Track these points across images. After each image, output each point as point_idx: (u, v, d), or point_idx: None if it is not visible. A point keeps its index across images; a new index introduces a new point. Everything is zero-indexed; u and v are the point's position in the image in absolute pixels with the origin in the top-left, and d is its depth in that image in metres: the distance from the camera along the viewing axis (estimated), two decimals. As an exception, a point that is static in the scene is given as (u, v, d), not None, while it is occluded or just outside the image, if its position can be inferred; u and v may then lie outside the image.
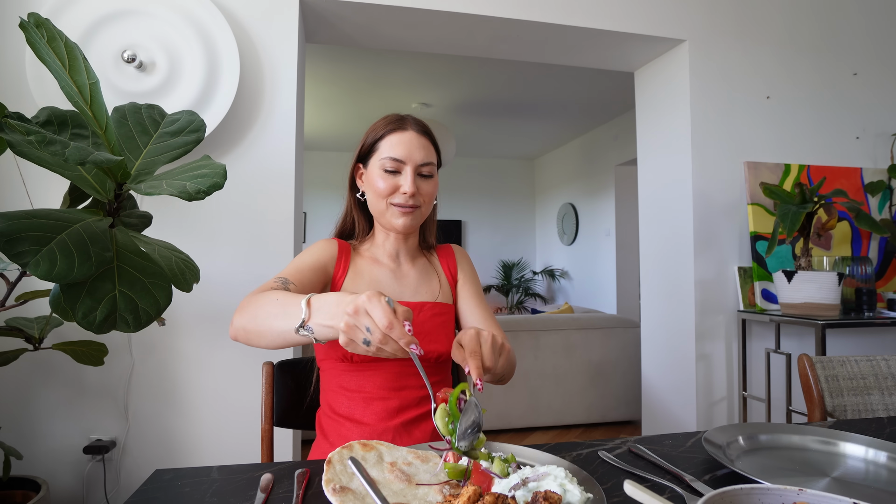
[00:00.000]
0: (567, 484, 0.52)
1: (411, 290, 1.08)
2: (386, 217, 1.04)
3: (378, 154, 1.04)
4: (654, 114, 2.63)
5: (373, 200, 1.06)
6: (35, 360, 1.71)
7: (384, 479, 0.58)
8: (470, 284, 1.15)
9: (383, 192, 1.02)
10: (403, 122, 1.05)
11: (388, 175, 1.02)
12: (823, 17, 2.52)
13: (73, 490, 1.77)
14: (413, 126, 1.05)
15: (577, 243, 6.06)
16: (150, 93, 1.72)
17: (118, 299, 0.88)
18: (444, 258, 1.18)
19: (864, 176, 2.53)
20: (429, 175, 1.04)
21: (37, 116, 0.96)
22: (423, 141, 1.05)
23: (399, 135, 1.04)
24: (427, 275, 1.12)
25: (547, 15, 2.18)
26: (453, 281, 1.14)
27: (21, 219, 0.79)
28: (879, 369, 1.25)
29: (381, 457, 0.62)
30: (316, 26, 2.21)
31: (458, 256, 1.19)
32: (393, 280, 1.08)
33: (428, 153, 1.04)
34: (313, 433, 1.06)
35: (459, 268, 1.16)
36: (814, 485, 0.64)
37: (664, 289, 2.54)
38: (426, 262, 1.15)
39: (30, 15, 0.86)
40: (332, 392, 1.01)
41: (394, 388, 0.99)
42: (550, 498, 0.49)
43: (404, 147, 1.02)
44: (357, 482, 0.56)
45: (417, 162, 1.02)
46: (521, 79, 4.11)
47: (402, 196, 1.01)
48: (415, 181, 1.02)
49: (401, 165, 1.02)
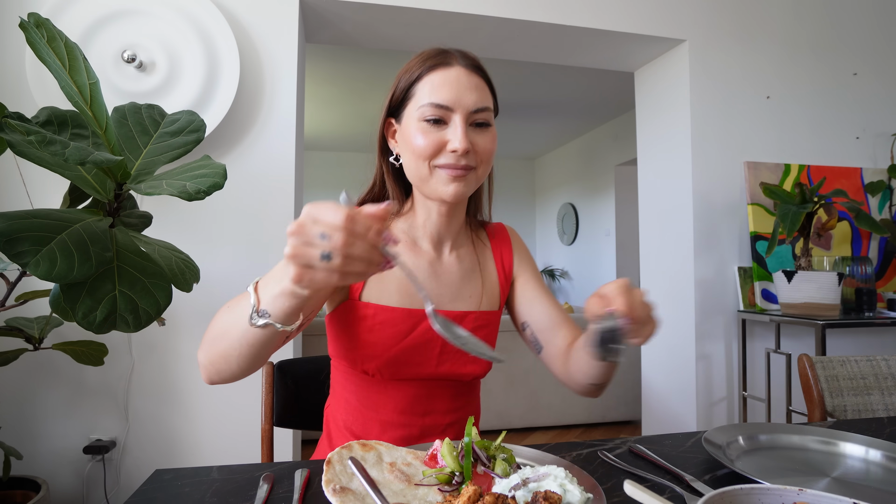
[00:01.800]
0: (567, 484, 0.52)
1: (451, 293, 0.87)
2: (430, 184, 0.80)
3: (415, 101, 0.80)
4: (654, 114, 2.63)
5: (412, 164, 0.81)
6: (35, 360, 1.71)
7: (384, 480, 0.58)
8: (530, 274, 0.94)
9: (425, 152, 0.78)
10: (447, 56, 0.81)
11: (431, 127, 0.78)
12: (823, 17, 2.52)
13: (73, 490, 1.77)
14: (460, 61, 0.81)
15: (577, 243, 6.06)
16: (150, 93, 1.72)
17: (118, 299, 0.88)
18: (498, 245, 0.95)
19: (864, 176, 2.53)
20: (485, 124, 0.81)
21: (37, 116, 0.96)
22: (474, 80, 0.80)
23: (443, 72, 0.80)
24: (472, 271, 0.91)
25: (547, 15, 2.18)
26: (505, 280, 0.93)
27: (21, 219, 0.80)
28: (879, 369, 1.25)
29: (381, 457, 0.62)
30: (316, 26, 2.21)
31: (514, 242, 0.97)
32: (430, 275, 0.87)
33: (482, 95, 0.80)
34: (313, 433, 1.03)
35: (517, 261, 0.94)
36: (814, 485, 0.64)
37: (664, 289, 2.54)
38: (471, 251, 0.93)
39: (30, 15, 0.86)
40: (344, 404, 0.88)
41: (417, 414, 0.84)
42: (550, 498, 0.49)
43: (450, 88, 0.78)
44: (357, 482, 0.56)
45: (469, 107, 0.78)
46: (522, 79, 4.10)
47: (452, 155, 0.78)
48: (467, 133, 0.78)
49: (447, 113, 0.78)
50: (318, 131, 5.57)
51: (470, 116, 0.79)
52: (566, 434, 3.21)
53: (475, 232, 0.95)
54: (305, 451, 2.58)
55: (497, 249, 0.94)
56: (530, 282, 0.93)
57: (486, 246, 0.94)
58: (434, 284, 0.86)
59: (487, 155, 0.82)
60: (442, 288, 0.87)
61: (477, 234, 0.95)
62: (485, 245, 0.94)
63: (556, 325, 0.88)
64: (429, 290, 0.85)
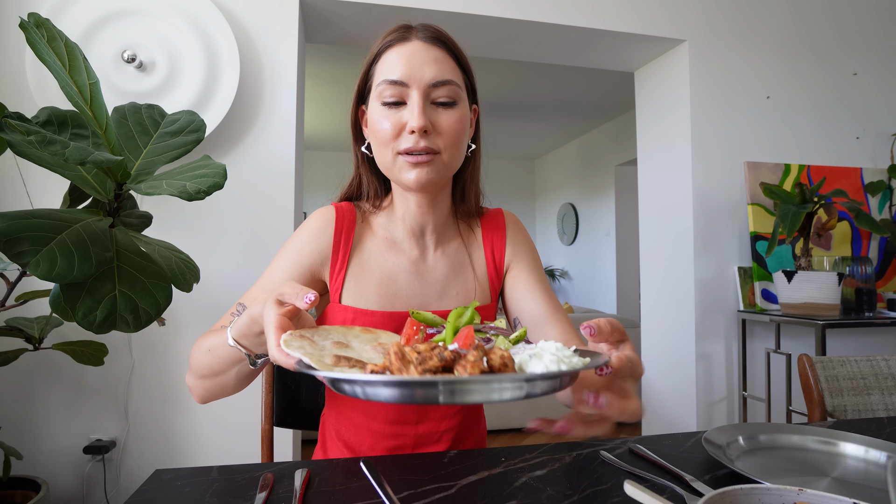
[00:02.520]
0: (563, 352, 0.46)
1: (437, 292, 0.82)
2: (394, 173, 0.75)
3: (375, 81, 0.76)
4: (654, 114, 2.63)
5: (377, 151, 0.76)
6: (35, 360, 1.71)
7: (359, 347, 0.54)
8: (524, 265, 0.86)
9: (385, 136, 0.73)
10: (406, 31, 0.76)
11: (390, 110, 0.72)
12: (823, 17, 2.52)
13: (73, 490, 1.77)
14: (419, 33, 0.75)
15: (577, 243, 6.06)
16: (150, 93, 1.72)
17: (118, 299, 0.88)
18: (490, 232, 0.88)
19: (864, 176, 2.53)
20: (449, 102, 0.73)
21: (37, 116, 0.96)
22: (434, 52, 0.73)
23: (399, 48, 0.74)
24: (461, 266, 0.84)
25: (547, 15, 2.18)
26: (495, 272, 0.86)
27: (21, 219, 0.80)
28: (879, 369, 1.25)
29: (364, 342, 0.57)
30: (316, 26, 2.21)
31: (509, 230, 0.88)
32: (413, 277, 0.81)
33: (444, 67, 0.73)
34: (313, 433, 1.01)
35: (510, 250, 0.87)
36: (814, 485, 0.64)
37: (664, 289, 2.54)
38: (459, 244, 0.86)
39: (30, 15, 0.86)
40: (336, 413, 0.85)
41: (410, 423, 0.80)
42: (502, 357, 0.44)
43: (405, 63, 0.72)
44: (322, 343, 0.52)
45: (426, 81, 0.71)
46: (521, 79, 4.10)
47: (410, 137, 0.71)
48: (425, 111, 0.71)
49: (404, 91, 0.72)
50: (318, 131, 5.57)
51: (428, 92, 0.72)
52: (566, 434, 3.20)
53: (466, 222, 0.88)
54: (305, 451, 2.58)
55: (488, 239, 0.87)
56: (524, 273, 0.85)
57: (477, 237, 0.87)
58: (417, 284, 0.81)
59: (453, 136, 0.73)
60: (427, 287, 0.81)
61: (469, 224, 0.88)
62: (475, 236, 0.87)
63: (546, 320, 0.80)
64: (410, 291, 0.80)
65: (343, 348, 0.52)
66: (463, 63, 0.78)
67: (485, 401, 0.41)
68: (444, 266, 0.83)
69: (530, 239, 0.91)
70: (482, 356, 0.43)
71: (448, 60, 0.75)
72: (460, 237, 0.87)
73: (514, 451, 0.73)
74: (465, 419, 0.86)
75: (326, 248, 0.80)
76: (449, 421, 0.84)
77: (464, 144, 0.77)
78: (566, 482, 0.63)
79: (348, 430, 0.83)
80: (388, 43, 0.76)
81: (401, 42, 0.75)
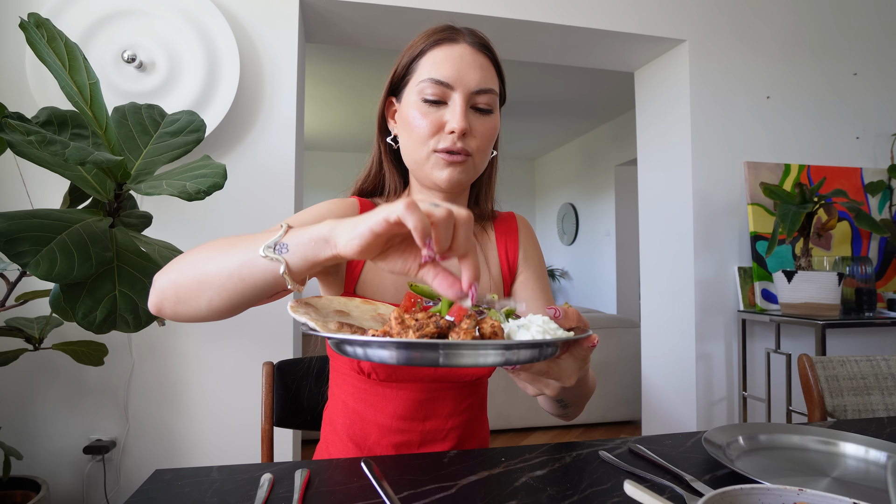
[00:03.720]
0: (549, 324, 0.51)
1: None
2: (425, 169, 0.76)
3: (416, 78, 0.76)
4: (654, 114, 2.63)
5: (409, 146, 0.77)
6: (35, 360, 1.71)
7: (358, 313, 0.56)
8: (531, 272, 0.87)
9: (423, 133, 0.74)
10: (454, 32, 0.77)
11: (430, 108, 0.74)
12: (823, 17, 2.52)
13: (73, 490, 1.77)
14: (467, 38, 0.77)
15: (577, 243, 6.06)
16: (150, 93, 1.72)
17: (118, 299, 0.88)
18: (504, 236, 0.89)
19: (864, 176, 2.53)
20: (487, 109, 0.76)
21: (37, 116, 0.96)
22: (480, 59, 0.75)
23: (447, 48, 0.75)
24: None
25: (547, 15, 2.18)
26: (509, 273, 0.88)
27: (21, 219, 0.80)
28: (879, 369, 1.25)
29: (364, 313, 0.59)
30: (316, 26, 2.21)
31: (521, 234, 0.90)
32: None
33: (487, 76, 0.75)
34: (313, 433, 1.01)
35: (522, 255, 0.89)
36: (814, 485, 0.64)
37: (664, 289, 2.54)
38: (475, 243, 0.85)
39: (30, 15, 0.86)
40: (342, 407, 0.83)
41: (418, 419, 0.80)
42: (493, 327, 0.49)
43: (453, 65, 0.73)
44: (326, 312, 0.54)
45: (471, 87, 0.73)
46: (522, 79, 4.10)
47: (449, 137, 0.73)
48: (466, 115, 0.73)
49: (447, 91, 0.73)
50: (318, 131, 5.57)
51: (471, 97, 0.74)
52: (566, 434, 3.21)
53: (480, 224, 0.90)
54: (305, 451, 2.58)
55: (501, 241, 0.89)
56: (530, 281, 0.88)
57: (491, 239, 0.89)
58: None
59: (486, 142, 0.76)
60: None
61: (482, 226, 0.90)
62: (489, 238, 0.89)
63: None
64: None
65: (344, 316, 0.55)
66: (501, 73, 0.80)
67: (475, 364, 0.45)
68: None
69: (539, 246, 0.93)
70: (475, 325, 0.48)
71: (491, 69, 0.77)
72: (476, 239, 0.87)
73: (514, 451, 0.73)
74: (471, 418, 0.86)
75: None
76: (455, 419, 0.84)
77: (491, 150, 0.80)
78: (566, 482, 0.63)
79: (353, 423, 0.82)
80: (435, 41, 0.76)
81: (449, 43, 0.76)
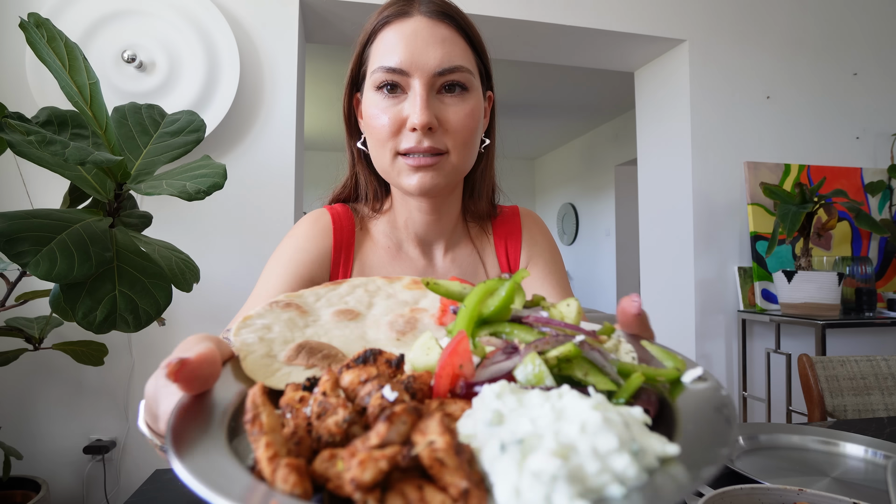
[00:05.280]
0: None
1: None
2: (393, 176, 0.64)
3: (370, 66, 0.64)
4: (654, 114, 2.63)
5: (373, 150, 0.66)
6: (35, 360, 1.71)
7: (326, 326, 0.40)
8: (539, 268, 0.75)
9: (383, 133, 0.61)
10: (406, 4, 0.64)
11: (388, 101, 0.61)
12: (824, 18, 2.52)
13: (73, 490, 1.77)
14: (422, 7, 0.63)
15: (577, 243, 6.06)
16: (150, 93, 1.72)
17: (118, 299, 0.88)
18: (503, 236, 0.77)
19: (864, 176, 2.53)
20: (458, 87, 0.61)
21: (37, 116, 0.96)
22: (440, 31, 0.61)
23: (398, 26, 0.62)
24: (473, 274, 0.74)
25: (547, 15, 2.18)
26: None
27: (21, 219, 0.79)
28: (879, 369, 1.25)
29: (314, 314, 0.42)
30: (316, 26, 2.21)
31: (525, 230, 0.78)
32: None
33: (452, 51, 0.61)
34: None
35: (525, 252, 0.77)
36: (814, 485, 0.64)
37: (664, 289, 2.54)
38: (471, 250, 0.75)
39: (30, 15, 0.86)
40: None
41: None
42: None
43: (406, 46, 0.60)
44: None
45: (431, 69, 0.60)
46: (522, 79, 4.10)
47: (412, 135, 0.60)
48: (429, 104, 0.59)
49: (403, 79, 0.60)
50: (318, 131, 5.57)
51: (434, 81, 0.60)
52: (566, 434, 3.20)
53: (478, 224, 0.79)
54: (305, 451, 2.58)
55: (501, 243, 0.78)
56: (536, 280, 0.76)
57: (489, 240, 0.78)
58: None
59: (464, 132, 0.61)
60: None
61: (482, 226, 0.79)
62: (487, 240, 0.78)
63: None
64: None
65: (348, 318, 0.42)
66: (475, 42, 0.66)
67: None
68: (455, 275, 0.74)
69: (550, 237, 0.81)
70: (401, 437, 0.23)
71: (457, 40, 0.62)
72: (471, 242, 0.77)
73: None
74: None
75: (325, 256, 0.70)
76: None
77: (476, 141, 0.66)
78: (566, 482, 0.63)
79: None
80: (384, 19, 0.64)
81: (400, 18, 0.62)
